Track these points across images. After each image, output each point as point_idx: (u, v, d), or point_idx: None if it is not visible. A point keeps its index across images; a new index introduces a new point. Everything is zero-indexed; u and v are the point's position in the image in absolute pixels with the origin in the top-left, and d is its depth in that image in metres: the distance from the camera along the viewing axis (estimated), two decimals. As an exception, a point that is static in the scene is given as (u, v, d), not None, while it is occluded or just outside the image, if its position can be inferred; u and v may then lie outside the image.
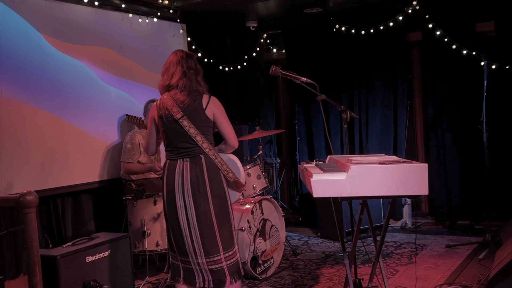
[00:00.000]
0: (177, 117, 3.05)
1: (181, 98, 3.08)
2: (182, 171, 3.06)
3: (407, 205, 5.91)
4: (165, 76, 3.18)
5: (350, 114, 3.37)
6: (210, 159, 3.07)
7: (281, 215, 4.65)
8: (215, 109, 3.12)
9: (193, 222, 3.03)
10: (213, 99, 3.14)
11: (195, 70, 3.17)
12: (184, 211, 3.04)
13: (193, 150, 3.07)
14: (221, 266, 3.04)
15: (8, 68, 4.08)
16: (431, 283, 3.92)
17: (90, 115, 4.74)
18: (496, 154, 5.41)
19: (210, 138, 3.13)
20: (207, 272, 3.06)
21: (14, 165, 4.06)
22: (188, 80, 3.12)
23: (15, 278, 4.05)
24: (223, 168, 3.09)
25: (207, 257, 3.03)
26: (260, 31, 6.65)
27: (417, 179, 2.46)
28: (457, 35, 5.40)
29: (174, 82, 3.12)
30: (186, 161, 3.07)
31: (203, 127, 3.09)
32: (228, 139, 3.18)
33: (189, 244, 3.05)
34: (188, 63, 3.15)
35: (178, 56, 3.17)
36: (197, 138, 3.05)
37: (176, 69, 3.14)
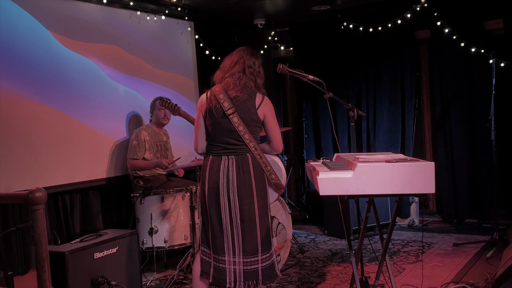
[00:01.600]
0: (228, 113, 2.97)
1: (234, 94, 3.00)
2: (227, 168, 2.99)
3: (415, 203, 5.89)
4: (226, 67, 3.11)
5: (357, 112, 3.37)
6: (255, 158, 3.01)
7: (288, 212, 4.65)
8: (267, 110, 3.05)
9: (237, 221, 2.97)
10: (266, 100, 3.06)
11: (256, 71, 3.11)
12: (228, 209, 2.98)
13: (240, 148, 3.01)
14: (256, 268, 2.99)
15: (17, 65, 4.11)
16: (438, 281, 3.91)
17: (98, 113, 4.77)
18: (504, 153, 5.38)
19: (257, 137, 3.07)
20: (240, 273, 2.98)
21: (22, 162, 4.09)
22: (246, 76, 3.06)
23: (24, 274, 4.09)
24: (267, 169, 3.05)
25: (245, 257, 2.98)
26: (267, 29, 6.65)
27: (424, 178, 2.46)
28: (465, 32, 5.38)
29: (229, 74, 3.06)
30: (231, 159, 3.00)
31: (252, 126, 3.02)
32: (275, 142, 3.12)
33: (229, 242, 2.99)
34: (250, 62, 3.09)
35: (242, 53, 3.11)
36: (245, 136, 2.98)
37: (236, 64, 3.08)
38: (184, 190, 4.44)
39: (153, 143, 4.73)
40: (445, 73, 5.67)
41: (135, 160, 4.62)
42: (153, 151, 4.72)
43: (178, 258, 4.39)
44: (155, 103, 4.77)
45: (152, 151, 4.71)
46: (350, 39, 6.15)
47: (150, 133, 4.74)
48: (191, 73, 5.93)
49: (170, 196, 4.37)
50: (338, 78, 6.31)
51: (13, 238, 3.99)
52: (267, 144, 3.18)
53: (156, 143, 4.77)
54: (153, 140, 4.74)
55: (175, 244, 4.35)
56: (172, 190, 4.39)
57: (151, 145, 4.70)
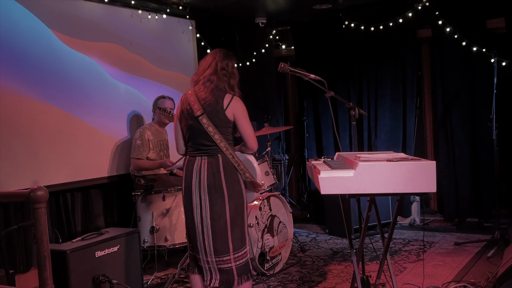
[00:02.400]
0: (197, 114, 3.02)
1: (203, 95, 3.05)
2: (200, 168, 3.04)
3: (416, 202, 5.89)
4: (198, 71, 3.17)
5: (358, 111, 3.37)
6: (227, 158, 3.04)
7: (289, 211, 4.66)
8: (236, 110, 3.07)
9: (207, 221, 3.01)
10: (235, 99, 3.07)
11: (229, 72, 3.12)
12: (199, 208, 3.03)
13: (212, 148, 3.05)
14: (230, 266, 3.02)
15: (18, 64, 4.12)
16: (439, 280, 3.91)
17: (99, 111, 4.77)
18: (506, 152, 5.38)
19: (229, 137, 3.09)
20: (215, 271, 3.04)
21: (24, 161, 4.10)
22: (218, 78, 3.08)
23: (25, 272, 4.10)
24: (240, 168, 3.06)
25: (217, 256, 3.02)
26: (269, 28, 6.64)
27: (425, 177, 2.45)
28: (467, 31, 5.37)
29: (202, 77, 3.10)
30: (204, 159, 3.05)
31: (222, 126, 3.04)
32: (247, 141, 3.14)
33: (200, 242, 3.05)
34: (223, 64, 3.11)
35: (215, 55, 3.15)
36: (215, 136, 3.01)
37: (209, 66, 3.12)
38: (185, 189, 4.44)
39: (156, 142, 4.73)
40: (447, 72, 5.66)
41: (139, 160, 4.62)
42: (157, 150, 4.72)
43: (179, 256, 4.39)
44: (157, 102, 4.77)
45: (156, 150, 4.71)
46: (351, 38, 6.15)
47: (153, 132, 4.74)
48: (192, 71, 5.91)
49: (171, 195, 4.37)
50: (339, 77, 6.31)
51: (14, 236, 4.00)
52: (243, 145, 3.22)
53: (159, 142, 4.77)
54: (156, 139, 4.74)
55: (176, 242, 4.36)
56: (173, 189, 4.39)
57: (154, 145, 4.71)
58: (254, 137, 3.15)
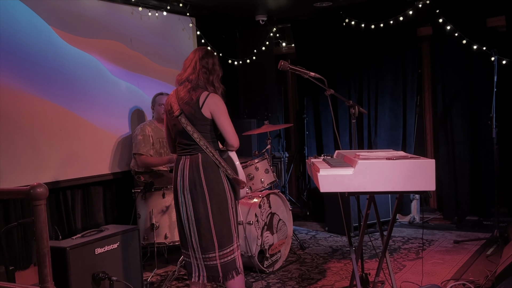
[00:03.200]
0: (176, 114, 3.07)
1: (182, 95, 3.09)
2: (183, 168, 3.09)
3: (416, 200, 5.90)
4: (181, 71, 3.20)
5: (358, 109, 3.37)
6: (207, 157, 3.05)
7: (289, 209, 4.66)
8: (213, 107, 3.05)
9: (192, 220, 3.06)
10: (211, 97, 3.05)
11: (210, 69, 3.13)
12: (184, 207, 3.08)
13: (192, 147, 3.08)
14: (215, 264, 3.06)
15: (19, 61, 4.12)
16: (438, 278, 3.92)
17: (99, 108, 4.78)
18: (506, 150, 5.38)
19: (208, 135, 3.08)
20: (203, 268, 3.10)
21: (24, 158, 4.10)
22: (196, 77, 3.09)
23: (25, 269, 4.11)
24: (221, 165, 3.07)
25: (203, 253, 3.07)
26: (269, 25, 6.63)
27: (424, 175, 2.46)
28: (467, 30, 5.36)
29: (184, 78, 3.13)
30: (187, 158, 3.09)
31: (200, 125, 3.06)
32: (226, 138, 3.13)
33: (189, 239, 3.11)
34: (203, 62, 3.12)
35: (196, 54, 3.16)
36: (194, 135, 3.03)
37: (189, 65, 3.14)
38: (185, 186, 4.44)
39: (156, 139, 4.73)
40: (447, 70, 5.66)
41: (146, 157, 4.60)
42: (157, 147, 4.73)
43: (179, 254, 4.36)
44: (155, 98, 4.78)
45: (156, 147, 4.72)
46: (352, 36, 6.14)
47: (153, 129, 4.74)
48: (192, 69, 5.92)
49: (171, 192, 4.36)
50: (339, 74, 6.31)
51: (14, 233, 4.01)
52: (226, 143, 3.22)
53: (159, 139, 4.77)
54: (156, 136, 4.74)
55: (176, 240, 4.35)
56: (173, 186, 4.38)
57: (155, 141, 4.71)
58: (233, 133, 3.12)
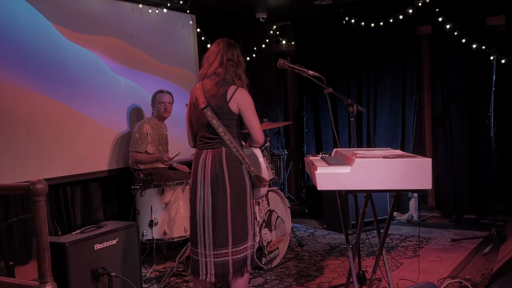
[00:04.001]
0: (201, 107, 3.04)
1: (208, 88, 3.07)
2: (204, 162, 3.06)
3: (414, 199, 5.92)
4: (205, 65, 3.16)
5: (357, 107, 3.39)
6: (231, 152, 3.04)
7: (287, 206, 4.68)
8: (240, 102, 3.05)
9: (208, 214, 3.03)
10: (239, 91, 3.06)
11: (236, 62, 3.13)
12: (202, 202, 3.05)
13: (216, 141, 3.05)
14: (226, 260, 3.03)
15: (19, 57, 4.13)
16: (435, 276, 3.94)
17: (99, 105, 4.79)
18: (504, 149, 5.39)
19: (233, 130, 3.08)
20: (211, 265, 3.05)
21: (24, 153, 4.12)
22: (224, 70, 3.08)
23: (25, 264, 4.13)
24: (245, 161, 3.06)
25: (215, 250, 3.03)
26: (269, 23, 6.65)
27: (421, 174, 2.47)
28: (467, 28, 5.38)
29: (211, 71, 3.10)
30: (209, 152, 3.06)
31: (226, 119, 3.04)
32: (252, 133, 3.12)
33: (200, 235, 3.06)
34: (229, 55, 3.11)
35: (220, 46, 3.14)
36: (219, 129, 3.01)
37: (215, 58, 3.11)
38: (184, 183, 4.47)
39: (155, 136, 4.75)
40: (446, 69, 5.68)
41: (137, 153, 4.64)
42: (155, 144, 4.75)
43: (178, 250, 4.42)
44: (155, 96, 4.80)
45: (154, 144, 4.74)
46: (351, 34, 6.15)
47: (152, 126, 4.76)
48: (192, 66, 5.94)
49: (170, 189, 4.40)
50: (339, 72, 6.32)
51: (14, 228, 4.03)
52: (250, 139, 3.22)
53: (158, 136, 4.80)
54: (155, 133, 4.76)
55: (175, 236, 4.39)
56: (172, 183, 4.42)
57: (153, 138, 4.73)
58: (259, 129, 3.13)
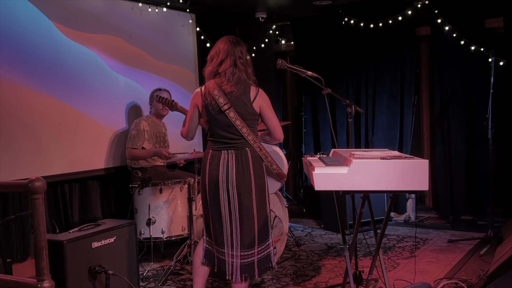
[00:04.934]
0: (224, 108, 3.00)
1: (229, 89, 3.03)
2: (227, 163, 3.03)
3: (411, 199, 5.93)
4: (214, 61, 3.11)
5: (355, 108, 3.40)
6: (255, 151, 3.06)
7: (285, 206, 4.69)
8: (262, 102, 3.10)
9: (235, 215, 3.02)
10: (260, 92, 3.11)
11: (245, 60, 3.13)
12: (227, 203, 3.03)
13: (239, 142, 3.05)
14: (252, 260, 3.05)
15: (19, 55, 4.14)
16: (431, 277, 3.95)
17: (98, 103, 4.80)
18: (502, 151, 5.41)
19: (255, 130, 3.11)
20: (237, 266, 3.04)
21: (23, 151, 4.13)
22: (238, 70, 3.08)
23: (22, 261, 4.14)
24: (267, 160, 3.08)
25: (242, 250, 3.03)
26: (269, 22, 6.65)
27: (418, 175, 2.49)
28: (465, 30, 5.39)
29: (222, 70, 3.08)
30: (231, 153, 3.04)
31: (249, 119, 3.05)
32: (274, 132, 3.17)
33: (227, 236, 3.05)
34: (238, 52, 3.10)
35: (230, 43, 3.11)
36: (243, 130, 3.02)
37: (226, 57, 3.08)
38: (182, 182, 4.48)
39: (152, 133, 4.76)
40: (445, 70, 5.69)
41: (134, 149, 4.65)
42: (152, 141, 4.76)
43: (175, 248, 4.43)
44: (154, 94, 4.81)
45: (151, 141, 4.75)
46: (351, 35, 6.16)
47: (150, 123, 4.77)
48: (191, 65, 5.95)
49: (168, 188, 4.40)
50: (338, 73, 6.33)
51: (12, 226, 4.04)
52: (268, 135, 3.24)
53: (156, 134, 4.81)
54: (152, 130, 4.77)
55: (173, 235, 4.40)
56: (170, 182, 4.42)
57: (150, 136, 4.74)
58: (280, 127, 3.20)
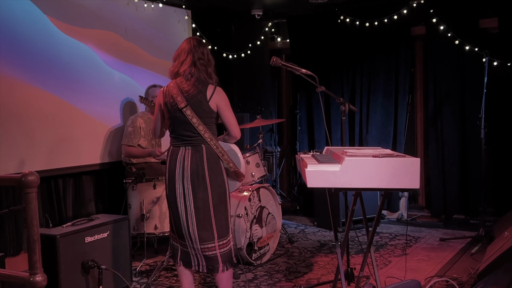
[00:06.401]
0: (181, 106, 3.09)
1: (186, 88, 3.11)
2: (183, 158, 3.11)
3: (404, 198, 5.97)
4: (175, 63, 3.21)
5: (348, 106, 3.42)
6: (211, 148, 3.12)
7: (278, 203, 4.71)
8: (219, 101, 3.14)
9: (191, 209, 3.10)
10: (217, 90, 3.14)
11: (206, 60, 3.19)
12: (183, 197, 3.11)
13: (195, 139, 3.12)
14: (214, 254, 3.12)
15: (13, 49, 4.13)
16: (423, 274, 3.99)
17: (93, 98, 4.80)
18: (494, 151, 5.45)
19: (213, 128, 3.17)
20: (201, 257, 3.15)
21: (17, 145, 4.13)
22: (197, 70, 3.14)
23: (15, 256, 4.14)
24: (224, 158, 3.14)
25: (202, 244, 3.11)
26: (265, 20, 6.66)
27: (409, 173, 2.51)
28: (460, 30, 5.42)
29: (182, 71, 3.16)
30: (188, 149, 3.12)
31: (206, 117, 3.12)
32: (231, 130, 3.22)
33: (185, 229, 3.13)
34: (199, 53, 3.17)
35: (191, 44, 3.19)
36: (199, 127, 3.09)
37: (186, 57, 3.16)
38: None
39: (148, 130, 4.77)
40: (439, 70, 5.72)
41: (130, 147, 4.66)
42: (148, 138, 4.76)
43: (168, 244, 4.43)
44: (149, 91, 4.82)
45: (147, 138, 4.75)
46: (346, 33, 6.18)
47: (146, 120, 4.78)
48: (187, 61, 5.94)
49: (162, 183, 4.41)
50: (333, 71, 6.34)
51: (5, 220, 4.04)
52: (227, 134, 3.29)
53: (151, 131, 4.80)
54: (148, 127, 4.77)
55: (166, 230, 4.40)
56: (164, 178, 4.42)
57: (146, 132, 4.74)
58: (237, 125, 3.23)
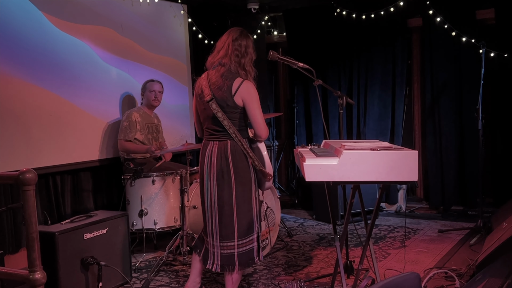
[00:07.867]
0: (206, 99, 3.01)
1: (214, 79, 3.02)
2: (210, 154, 3.06)
3: (402, 190, 5.98)
4: (214, 52, 3.12)
5: (346, 99, 3.42)
6: (236, 145, 3.02)
7: (277, 197, 4.71)
8: (245, 95, 2.98)
9: (215, 206, 3.05)
10: (245, 84, 2.99)
11: (242, 52, 3.05)
12: (209, 193, 3.07)
13: (222, 134, 3.04)
14: (232, 252, 3.06)
15: (9, 46, 4.11)
16: (421, 266, 4.00)
17: (90, 94, 4.78)
18: (492, 142, 5.45)
19: (238, 123, 3.04)
20: (218, 256, 3.08)
21: (14, 143, 4.11)
22: (230, 60, 3.03)
23: (14, 253, 4.14)
24: (249, 156, 3.03)
25: (221, 241, 3.06)
26: (261, 13, 6.64)
27: (407, 166, 2.51)
28: (457, 21, 5.41)
29: (216, 60, 3.06)
30: (215, 144, 3.06)
31: (230, 112, 3.00)
32: (255, 128, 3.08)
33: (209, 225, 3.10)
34: (236, 45, 3.04)
35: (230, 35, 3.08)
36: (225, 122, 2.99)
37: (221, 48, 3.06)
38: (174, 174, 4.49)
39: (144, 124, 4.76)
40: (436, 61, 5.71)
41: (126, 141, 4.65)
42: (144, 132, 4.76)
43: (168, 240, 4.45)
44: (146, 85, 4.81)
45: (144, 132, 4.75)
46: (343, 26, 6.16)
47: (141, 114, 4.77)
48: (183, 56, 5.94)
49: (161, 179, 4.41)
50: (330, 64, 6.33)
51: (4, 217, 4.03)
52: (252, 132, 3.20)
53: (147, 125, 4.81)
54: (144, 121, 4.77)
55: (165, 226, 4.41)
56: (163, 173, 4.43)
57: (142, 126, 4.74)
58: (263, 123, 3.06)
